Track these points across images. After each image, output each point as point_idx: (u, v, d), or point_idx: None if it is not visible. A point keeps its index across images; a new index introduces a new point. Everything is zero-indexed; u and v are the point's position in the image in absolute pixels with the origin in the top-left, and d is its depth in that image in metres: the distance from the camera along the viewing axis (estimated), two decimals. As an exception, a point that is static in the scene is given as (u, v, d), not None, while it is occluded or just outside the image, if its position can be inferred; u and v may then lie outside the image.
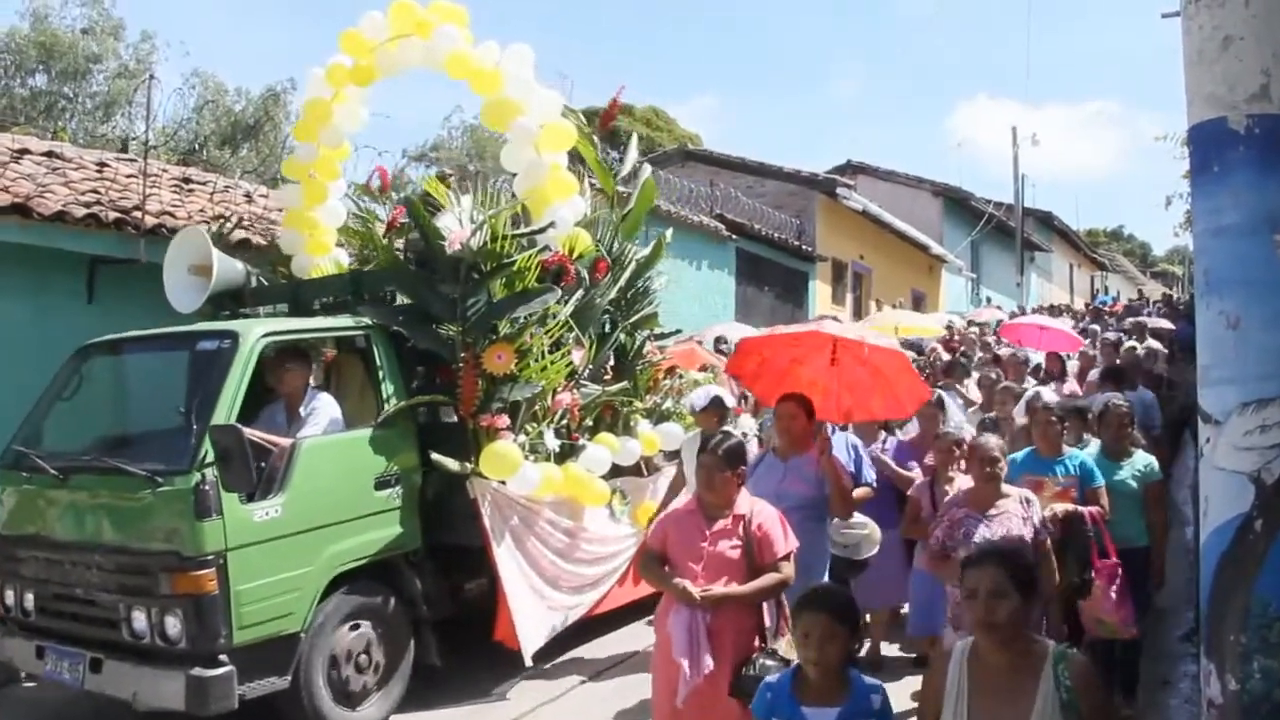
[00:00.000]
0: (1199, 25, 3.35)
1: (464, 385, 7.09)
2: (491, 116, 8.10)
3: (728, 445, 5.24)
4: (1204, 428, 3.35)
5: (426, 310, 7.43)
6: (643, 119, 35.66)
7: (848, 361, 6.62)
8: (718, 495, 5.16)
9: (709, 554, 5.05)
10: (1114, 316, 26.79)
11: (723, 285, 21.31)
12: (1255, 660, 3.15)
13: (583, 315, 8.18)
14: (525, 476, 7.20)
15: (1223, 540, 3.25)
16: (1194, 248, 3.67)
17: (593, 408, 8.27)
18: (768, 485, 6.13)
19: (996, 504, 5.83)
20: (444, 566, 7.41)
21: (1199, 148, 3.41)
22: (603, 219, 8.97)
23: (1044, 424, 7.11)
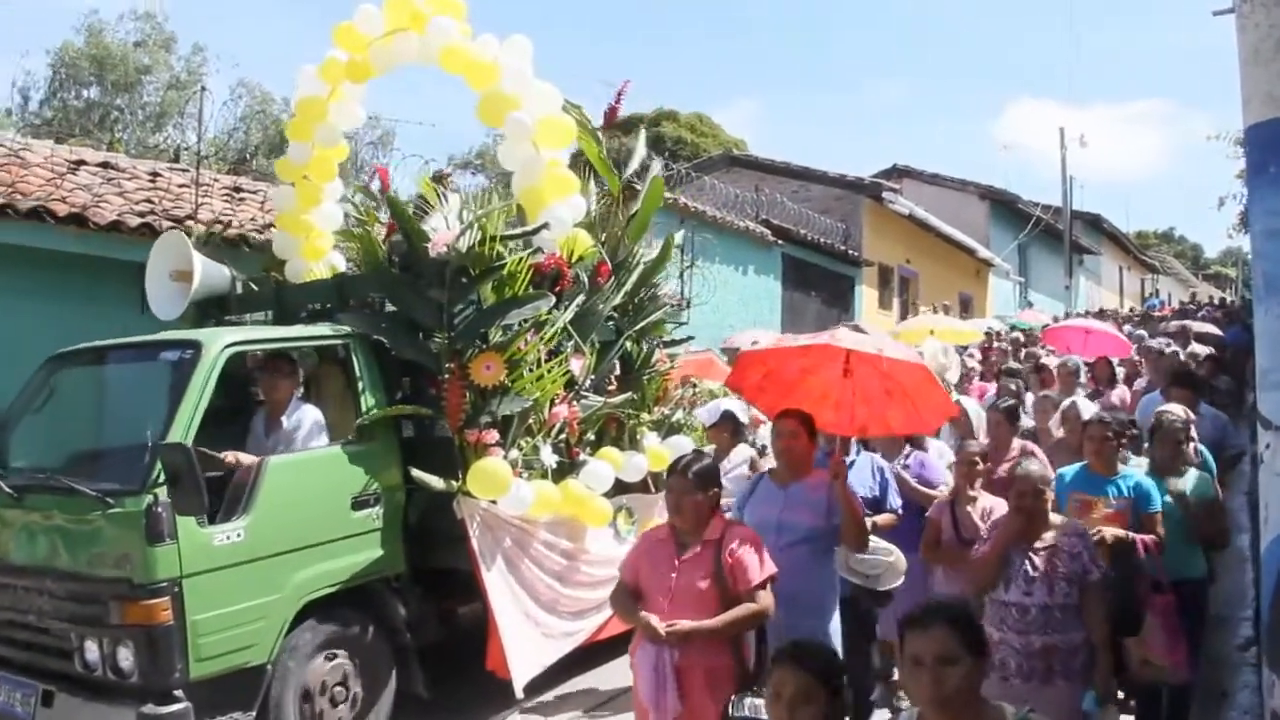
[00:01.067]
0: (1255, 23, 3.22)
1: (449, 397, 6.44)
2: (486, 112, 7.40)
3: (698, 466, 4.79)
4: (1264, 434, 3.22)
5: (411, 317, 6.82)
6: (687, 125, 35.18)
7: (863, 373, 5.85)
8: (687, 520, 4.71)
9: (677, 585, 4.61)
10: (1164, 320, 25.37)
11: (769, 290, 20.99)
12: (1320, 671, 2.96)
13: (583, 322, 7.49)
14: (517, 495, 6.53)
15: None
16: (1251, 250, 3.56)
17: (594, 421, 7.59)
18: (766, 515, 5.46)
19: (1044, 535, 5.13)
20: (433, 590, 6.80)
21: (1256, 148, 3.30)
22: (607, 219, 8.27)
23: (1099, 440, 6.34)
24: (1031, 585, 5.01)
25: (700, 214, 18.30)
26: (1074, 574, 5.00)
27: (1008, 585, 5.09)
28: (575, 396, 7.33)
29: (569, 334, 7.32)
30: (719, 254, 18.81)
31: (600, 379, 7.80)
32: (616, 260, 7.98)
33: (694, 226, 18.14)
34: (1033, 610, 4.98)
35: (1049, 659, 4.93)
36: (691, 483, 4.67)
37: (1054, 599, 4.97)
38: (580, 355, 7.37)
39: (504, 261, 6.74)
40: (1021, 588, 5.04)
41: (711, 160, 26.93)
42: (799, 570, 5.18)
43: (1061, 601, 4.98)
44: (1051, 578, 5.01)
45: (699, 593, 4.55)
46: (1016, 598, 5.04)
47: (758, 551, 4.66)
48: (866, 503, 6.24)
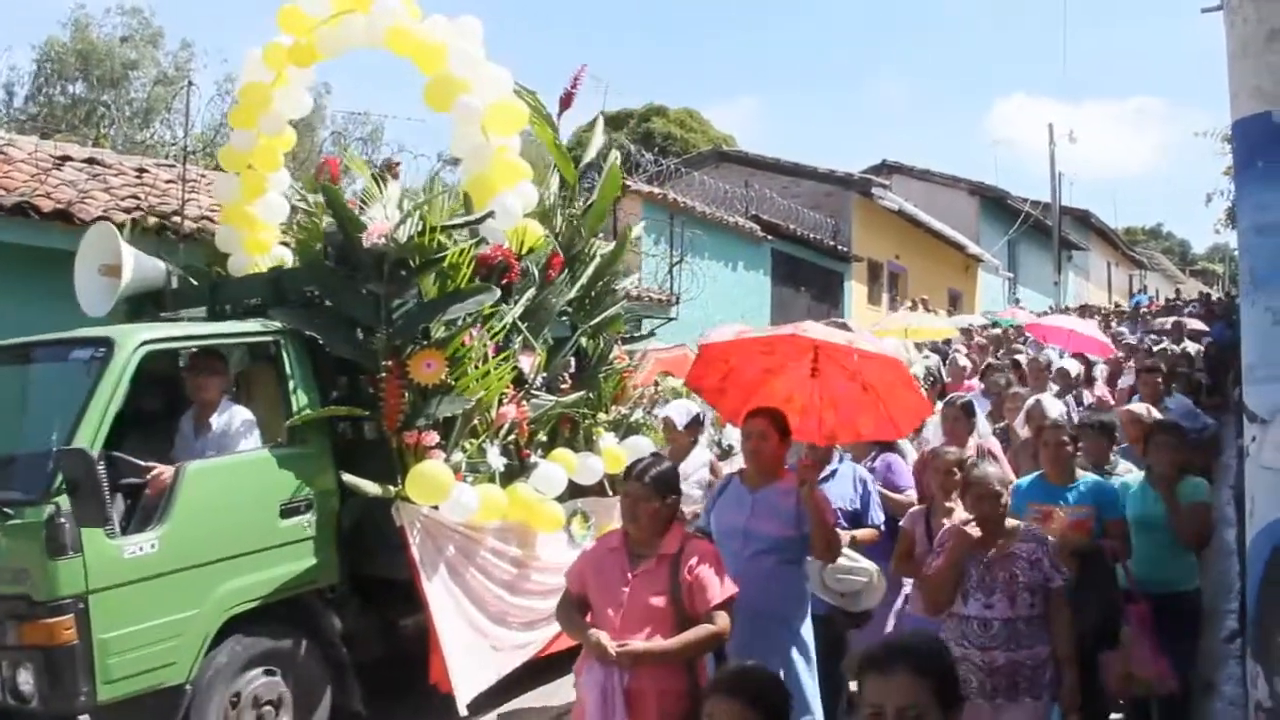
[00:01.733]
0: (1243, 18, 3.19)
1: (387, 397, 5.94)
2: (433, 95, 6.84)
3: (656, 470, 4.33)
4: (1249, 426, 3.19)
5: (347, 312, 6.28)
6: (677, 120, 34.72)
7: (831, 372, 5.38)
8: (644, 530, 4.26)
9: (629, 600, 4.17)
10: (1153, 317, 24.94)
11: (758, 286, 20.80)
12: (1305, 663, 2.92)
13: (534, 316, 6.98)
14: (460, 500, 6.03)
15: (1271, 540, 3.08)
16: (1238, 245, 3.56)
17: (546, 421, 7.06)
18: (732, 521, 5.04)
19: (1000, 543, 4.76)
20: (373, 601, 6.30)
21: (1243, 143, 3.27)
22: (563, 210, 7.71)
23: (1054, 445, 5.86)
24: (991, 597, 4.69)
25: (689, 210, 18.07)
26: (1035, 583, 4.67)
27: (966, 599, 4.74)
28: (525, 395, 6.80)
29: (518, 329, 6.81)
30: (708, 249, 18.57)
31: (553, 377, 7.27)
32: (571, 252, 7.49)
33: (683, 222, 17.99)
34: (995, 624, 4.66)
35: (1014, 675, 4.61)
36: (649, 489, 4.24)
37: (1016, 611, 4.65)
38: (530, 352, 6.87)
39: (446, 253, 6.24)
40: (981, 600, 4.71)
41: (701, 156, 26.67)
42: (765, 581, 4.81)
43: (1025, 613, 4.66)
44: (1012, 588, 4.68)
45: (653, 610, 4.14)
46: (976, 611, 4.70)
47: (718, 570, 4.24)
48: (846, 516, 5.83)
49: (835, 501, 5.76)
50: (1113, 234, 47.90)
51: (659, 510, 4.24)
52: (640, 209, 17.17)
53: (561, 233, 7.55)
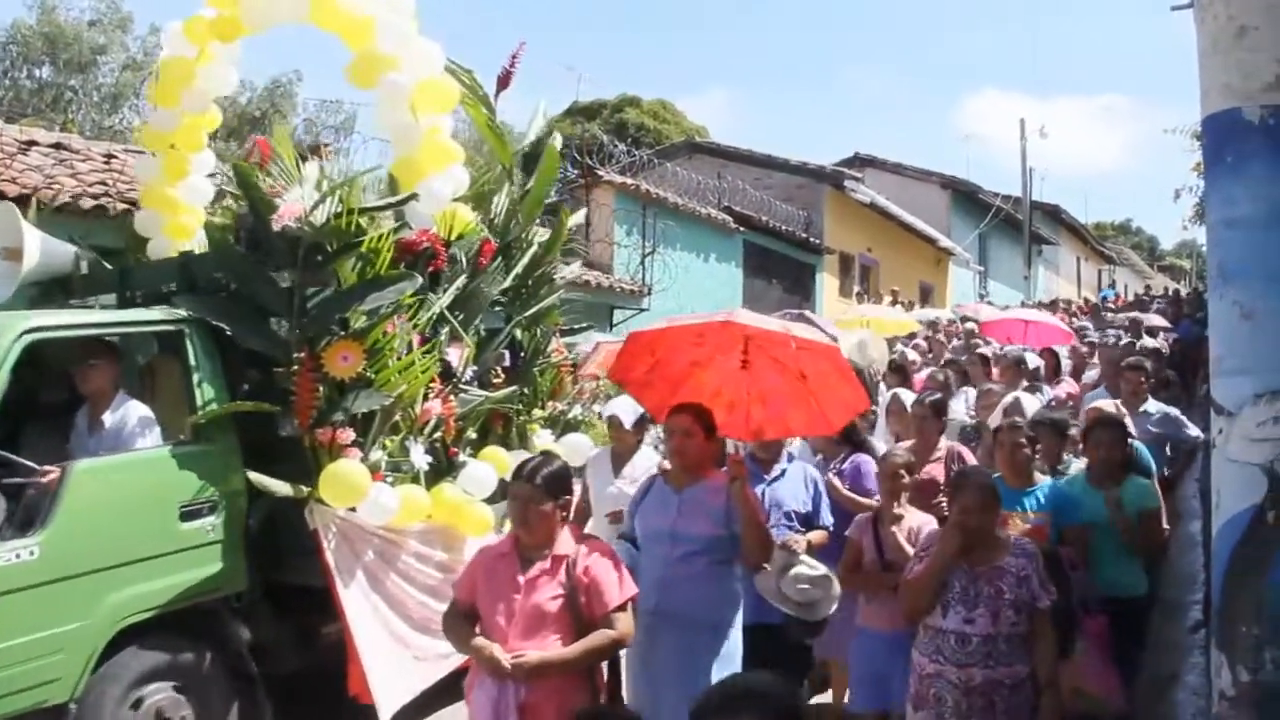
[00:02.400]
0: (1213, 15, 3.19)
1: (298, 391, 5.45)
2: (358, 73, 6.36)
3: (547, 470, 4.06)
4: (1216, 419, 3.21)
5: (257, 301, 5.76)
6: (650, 111, 34.37)
7: (762, 365, 5.06)
8: (534, 533, 3.99)
9: (522, 607, 3.90)
10: (1115, 311, 24.58)
11: (730, 278, 20.62)
12: (1268, 651, 3.00)
13: (464, 307, 6.52)
14: (378, 502, 5.56)
15: (1235, 532, 3.10)
16: (1207, 239, 3.54)
17: (475, 417, 6.58)
18: (658, 523, 4.80)
19: (988, 555, 4.45)
20: (290, 609, 5.81)
21: (1213, 138, 3.28)
22: (506, 195, 7.21)
23: (1010, 446, 5.58)
24: (973, 612, 4.38)
25: (662, 201, 17.83)
26: (1022, 600, 4.36)
27: (945, 610, 4.43)
28: (453, 390, 6.30)
29: (446, 320, 6.36)
30: (680, 241, 18.33)
31: (484, 370, 6.80)
32: (507, 239, 7.04)
33: (655, 213, 17.70)
34: (974, 640, 4.35)
35: (991, 695, 4.32)
36: (541, 488, 3.96)
37: (998, 628, 4.34)
38: (459, 344, 6.41)
39: (365, 238, 5.77)
40: (961, 614, 4.40)
41: (674, 147, 26.29)
42: (696, 584, 4.64)
43: (1007, 631, 4.36)
44: (997, 604, 4.37)
45: (548, 615, 3.88)
46: (955, 625, 4.39)
47: (616, 568, 4.02)
48: (799, 518, 5.59)
49: (786, 503, 5.59)
50: (1083, 229, 47.91)
51: (550, 512, 3.97)
52: (613, 200, 16.93)
53: (497, 219, 7.11)
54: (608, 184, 17.02)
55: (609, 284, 16.23)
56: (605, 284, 16.09)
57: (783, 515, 5.54)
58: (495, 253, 6.82)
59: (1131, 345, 12.76)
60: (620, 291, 16.47)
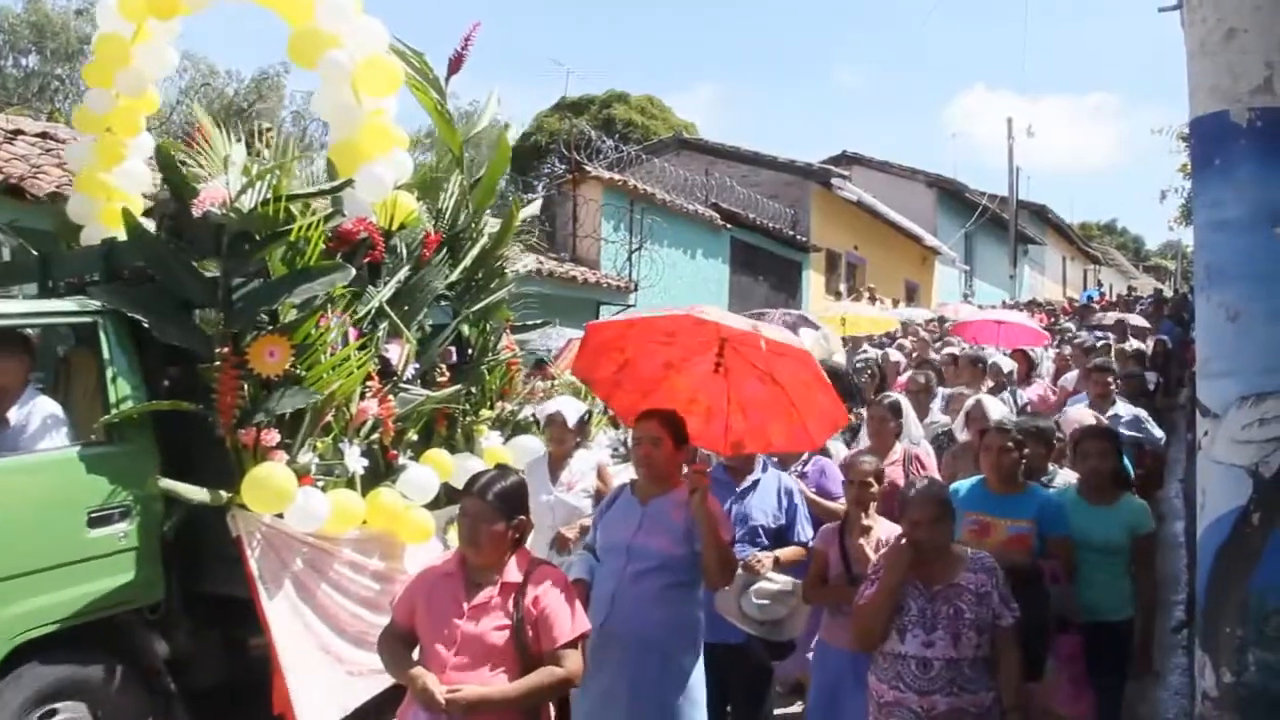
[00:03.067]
0: (1201, 17, 3.21)
1: (221, 389, 5.06)
2: (298, 50, 6.00)
3: (500, 486, 3.68)
4: (1202, 421, 3.24)
5: (178, 292, 5.33)
6: (638, 107, 34.14)
7: (740, 370, 4.76)
8: (483, 553, 3.63)
9: (464, 636, 3.55)
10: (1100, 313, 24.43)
11: (717, 274, 20.55)
12: (1251, 653, 3.03)
13: (407, 301, 6.17)
14: (307, 508, 5.17)
15: (1220, 533, 3.12)
16: (1194, 241, 3.52)
17: (416, 418, 6.18)
18: (617, 536, 4.50)
19: (944, 571, 4.16)
20: (214, 620, 5.43)
21: (1201, 141, 3.28)
22: (451, 184, 6.83)
23: (997, 450, 5.23)
24: (932, 635, 4.08)
25: (649, 196, 17.79)
26: (983, 620, 4.08)
27: (903, 634, 4.12)
28: (392, 389, 5.93)
29: (386, 315, 6.02)
30: (667, 237, 18.30)
31: (428, 368, 6.39)
32: (456, 230, 6.71)
33: (643, 209, 17.68)
34: (935, 665, 4.06)
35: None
36: (490, 506, 3.62)
37: (960, 651, 4.06)
38: (399, 340, 6.05)
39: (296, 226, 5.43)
40: (920, 637, 4.10)
41: (661, 143, 26.16)
42: (647, 606, 4.31)
43: (970, 655, 4.07)
44: (956, 625, 4.07)
45: (492, 648, 3.54)
46: (915, 650, 4.10)
47: (569, 600, 3.68)
48: (768, 533, 5.20)
49: (755, 516, 5.21)
50: (1068, 229, 47.98)
51: (502, 533, 3.63)
52: (600, 195, 16.89)
53: (446, 208, 6.76)
54: (595, 179, 16.97)
55: (595, 279, 16.17)
56: (592, 279, 16.04)
57: (748, 531, 5.15)
58: (441, 244, 6.50)
59: (1107, 348, 12.61)
60: (607, 287, 16.44)
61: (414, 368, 6.16)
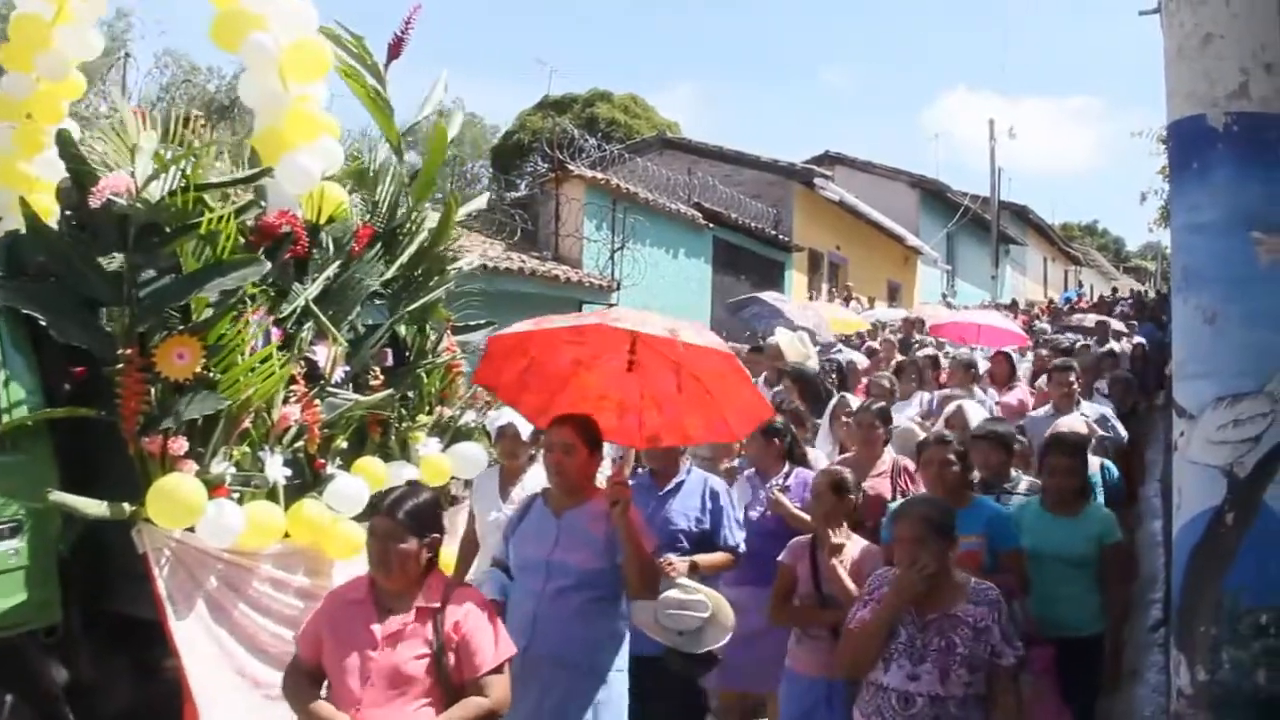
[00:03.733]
0: (1179, 23, 3.27)
1: (124, 394, 4.67)
2: (221, 32, 5.69)
3: (412, 503, 3.47)
4: (1178, 421, 3.28)
5: (80, 289, 4.94)
6: (621, 106, 34.07)
7: (654, 365, 4.47)
8: (394, 577, 3.40)
9: (379, 667, 3.30)
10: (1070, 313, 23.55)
11: (699, 273, 20.52)
12: (1225, 651, 3.07)
13: (336, 299, 5.79)
14: (219, 522, 4.79)
15: (1195, 533, 3.17)
16: (1172, 243, 3.59)
17: (345, 424, 5.76)
18: (532, 552, 4.22)
19: (942, 600, 3.81)
20: (123, 641, 5.06)
21: (1179, 144, 3.36)
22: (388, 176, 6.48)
23: (939, 463, 5.01)
24: (919, 667, 3.73)
25: (632, 196, 17.79)
26: (977, 657, 3.70)
27: (887, 663, 3.79)
28: (319, 394, 5.50)
29: (313, 314, 5.65)
30: (650, 236, 18.30)
31: (360, 371, 5.97)
32: (392, 224, 6.36)
33: (625, 208, 17.69)
34: (918, 701, 3.70)
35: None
36: (400, 525, 3.38)
37: (947, 689, 3.69)
38: (327, 341, 5.67)
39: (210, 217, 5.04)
40: (905, 669, 3.75)
41: (645, 142, 26.15)
42: (569, 624, 4.07)
43: (959, 693, 3.70)
44: (946, 660, 3.70)
45: (409, 680, 3.29)
46: (898, 682, 3.75)
47: (491, 622, 3.46)
48: (689, 537, 4.98)
49: (676, 520, 5.02)
50: (1050, 230, 47.98)
51: (415, 553, 3.39)
52: (583, 194, 16.89)
53: (383, 201, 6.41)
54: (578, 178, 16.97)
55: (578, 279, 16.17)
56: (574, 279, 16.03)
57: (670, 536, 4.93)
58: (375, 238, 6.16)
59: (1085, 349, 12.41)
60: (589, 286, 16.44)
61: (344, 370, 5.81)
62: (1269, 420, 3.10)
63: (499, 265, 14.20)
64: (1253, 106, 3.15)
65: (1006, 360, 10.40)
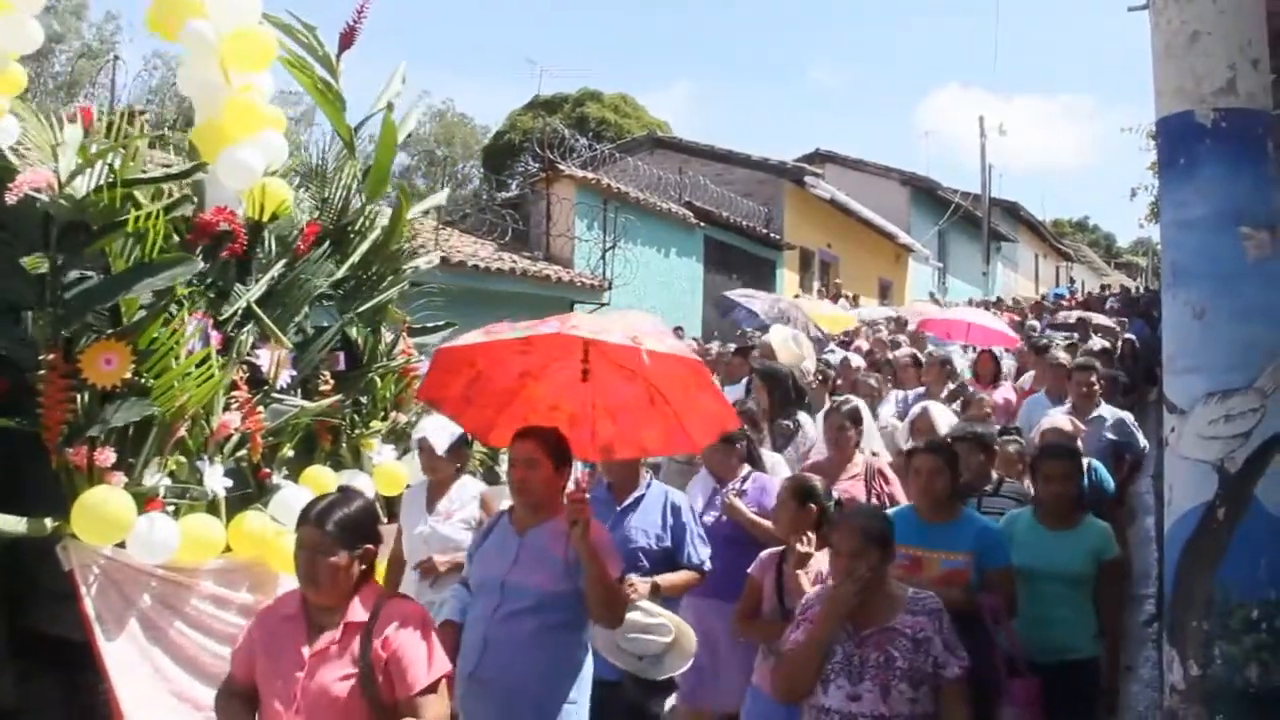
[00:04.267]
0: (1167, 20, 3.29)
1: (46, 402, 4.38)
2: (158, 19, 5.41)
3: (342, 512, 3.22)
4: (1169, 417, 3.29)
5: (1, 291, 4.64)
6: (611, 105, 34.11)
7: (607, 374, 4.25)
8: (323, 591, 3.18)
9: (306, 688, 3.10)
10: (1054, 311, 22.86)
11: (690, 272, 20.53)
12: (1217, 646, 3.09)
13: (282, 300, 5.50)
14: (151, 537, 4.46)
15: (1186, 528, 3.18)
16: (1161, 239, 3.56)
17: (291, 432, 5.42)
18: (489, 572, 3.98)
19: (879, 613, 3.63)
20: (53, 663, 4.71)
21: (1167, 140, 3.35)
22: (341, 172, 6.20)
23: (928, 473, 4.59)
24: (859, 685, 3.55)
25: (623, 195, 17.81)
26: (919, 671, 3.53)
27: (826, 685, 3.60)
28: (262, 400, 5.19)
29: (255, 316, 5.34)
30: (641, 235, 18.32)
31: (308, 376, 5.65)
32: (343, 222, 6.07)
33: (616, 208, 17.70)
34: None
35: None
36: (329, 536, 3.15)
37: (891, 707, 3.52)
38: (271, 344, 5.34)
39: (140, 214, 4.73)
40: (844, 689, 3.56)
41: (635, 141, 26.12)
42: (519, 650, 3.79)
43: (905, 710, 3.53)
44: (886, 676, 3.52)
45: (336, 702, 3.09)
46: (838, 703, 3.57)
47: (425, 638, 3.21)
48: (649, 555, 4.67)
49: (636, 538, 4.70)
50: (1041, 226, 48.01)
51: (345, 565, 3.17)
52: (574, 194, 16.91)
53: (334, 198, 6.13)
54: (569, 178, 16.98)
55: (569, 278, 16.19)
56: (565, 278, 16.06)
57: (627, 554, 4.53)
58: (323, 236, 5.86)
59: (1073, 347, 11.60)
60: (581, 286, 16.47)
61: (290, 375, 5.46)
62: (1259, 415, 3.10)
63: (490, 265, 14.22)
64: (1240, 102, 3.17)
65: (992, 359, 10.06)
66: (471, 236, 16.05)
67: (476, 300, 13.48)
